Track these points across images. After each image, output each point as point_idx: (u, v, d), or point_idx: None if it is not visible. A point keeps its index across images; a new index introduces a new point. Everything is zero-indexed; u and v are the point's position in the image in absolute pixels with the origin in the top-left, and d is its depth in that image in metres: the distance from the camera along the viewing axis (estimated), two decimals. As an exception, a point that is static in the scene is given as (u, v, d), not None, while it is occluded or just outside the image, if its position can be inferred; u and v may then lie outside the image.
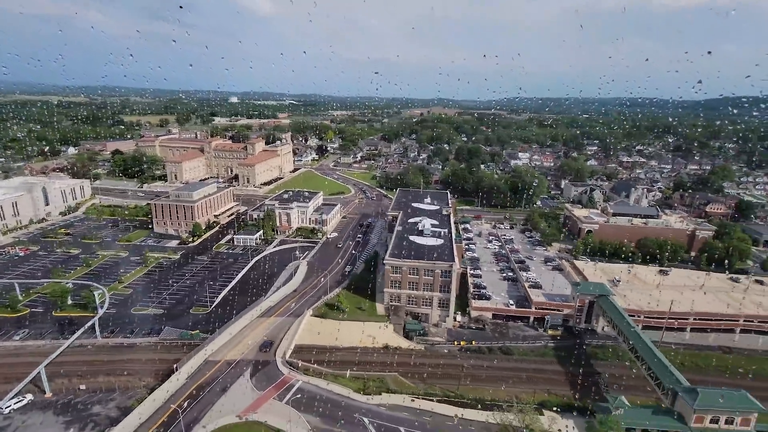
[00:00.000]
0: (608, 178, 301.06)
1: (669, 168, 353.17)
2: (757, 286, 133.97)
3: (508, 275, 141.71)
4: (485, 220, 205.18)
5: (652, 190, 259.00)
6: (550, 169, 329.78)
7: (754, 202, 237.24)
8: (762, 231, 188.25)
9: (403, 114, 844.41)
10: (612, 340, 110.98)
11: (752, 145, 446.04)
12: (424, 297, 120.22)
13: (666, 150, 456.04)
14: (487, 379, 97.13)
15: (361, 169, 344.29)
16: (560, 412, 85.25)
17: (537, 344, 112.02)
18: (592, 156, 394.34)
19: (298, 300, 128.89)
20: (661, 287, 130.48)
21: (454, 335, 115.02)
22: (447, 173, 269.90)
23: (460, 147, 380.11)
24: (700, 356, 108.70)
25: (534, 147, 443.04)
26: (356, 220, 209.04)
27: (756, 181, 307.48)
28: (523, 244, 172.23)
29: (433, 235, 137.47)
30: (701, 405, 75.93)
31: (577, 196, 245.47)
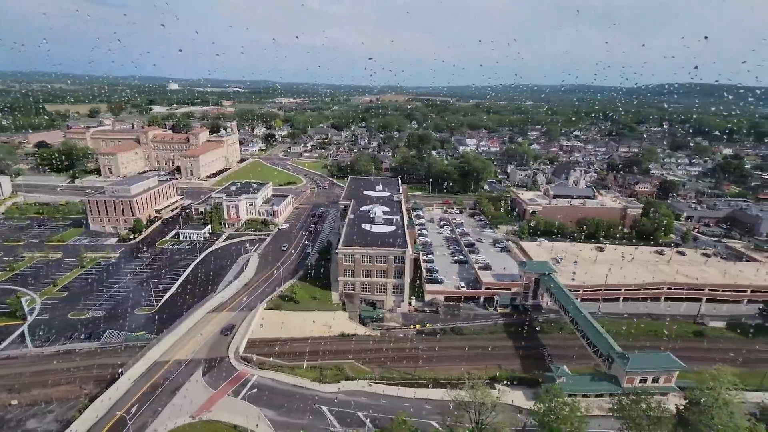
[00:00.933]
0: (550, 161, 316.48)
1: (603, 151, 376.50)
2: (679, 257, 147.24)
3: (459, 258, 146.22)
4: (435, 206, 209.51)
5: (588, 172, 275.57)
6: (497, 154, 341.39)
7: (676, 181, 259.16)
8: (682, 207, 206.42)
9: (353, 101, 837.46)
10: (555, 315, 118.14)
11: (674, 128, 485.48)
12: (378, 284, 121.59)
13: (601, 134, 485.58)
14: (442, 359, 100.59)
15: (312, 158, 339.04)
16: (510, 385, 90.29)
17: (488, 323, 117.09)
18: (535, 141, 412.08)
19: (251, 293, 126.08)
20: (598, 262, 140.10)
21: (409, 319, 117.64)
22: (398, 160, 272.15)
23: (410, 134, 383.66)
24: (632, 324, 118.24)
25: (481, 133, 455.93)
26: (308, 210, 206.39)
27: (677, 162, 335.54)
28: (473, 228, 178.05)
29: (385, 222, 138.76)
30: (632, 368, 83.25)
31: (522, 179, 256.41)
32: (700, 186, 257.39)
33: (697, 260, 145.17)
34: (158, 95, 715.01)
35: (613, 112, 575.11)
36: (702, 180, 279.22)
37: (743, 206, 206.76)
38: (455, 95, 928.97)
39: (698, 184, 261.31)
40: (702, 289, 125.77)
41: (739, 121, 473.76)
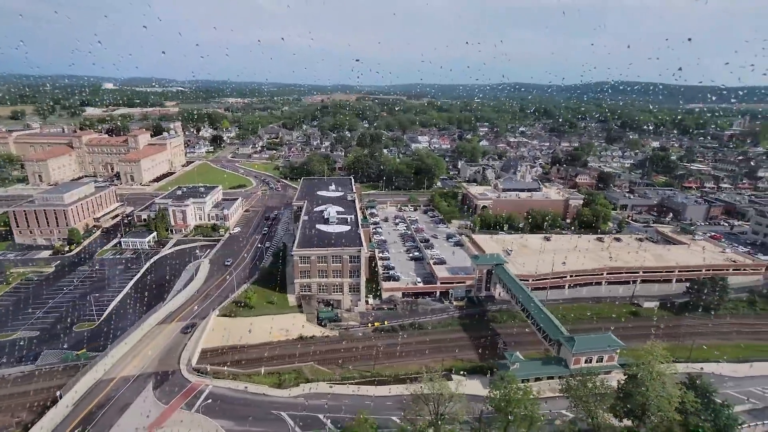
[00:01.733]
0: (498, 157, 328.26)
1: (547, 146, 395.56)
2: (616, 243, 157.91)
3: (414, 254, 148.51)
4: (390, 203, 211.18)
5: (534, 167, 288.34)
6: (448, 151, 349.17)
7: (612, 172, 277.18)
8: (618, 197, 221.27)
9: (304, 101, 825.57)
10: (508, 304, 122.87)
11: (609, 124, 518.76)
12: (334, 284, 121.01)
13: (545, 130, 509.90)
14: (401, 355, 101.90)
15: (263, 160, 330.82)
16: (467, 375, 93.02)
17: (444, 316, 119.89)
18: (484, 137, 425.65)
19: (202, 301, 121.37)
20: (545, 252, 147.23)
21: (368, 318, 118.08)
22: (351, 160, 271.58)
23: (362, 133, 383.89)
24: (577, 308, 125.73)
25: (432, 130, 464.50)
26: (261, 213, 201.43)
27: (612, 154, 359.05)
28: (427, 224, 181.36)
29: (340, 222, 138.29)
30: (578, 349, 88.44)
31: (473, 175, 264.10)
32: (633, 177, 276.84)
33: (632, 245, 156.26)
34: (92, 96, 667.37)
35: (555, 110, 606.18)
36: (634, 171, 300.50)
37: (670, 194, 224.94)
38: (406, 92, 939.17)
39: (631, 175, 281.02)
40: (637, 272, 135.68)
41: (663, 117, 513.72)
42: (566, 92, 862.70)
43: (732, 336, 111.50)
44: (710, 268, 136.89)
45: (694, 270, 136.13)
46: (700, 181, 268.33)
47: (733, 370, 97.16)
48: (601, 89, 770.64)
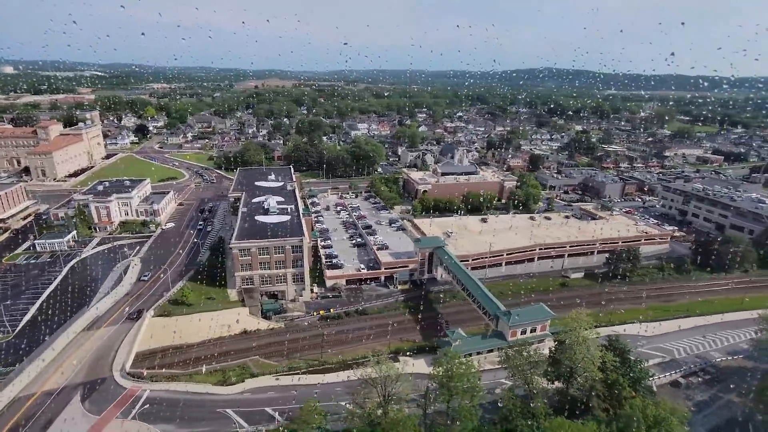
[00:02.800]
0: (437, 142, 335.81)
1: (482, 130, 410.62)
2: (546, 221, 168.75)
3: (357, 241, 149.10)
4: (331, 191, 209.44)
5: (471, 151, 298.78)
6: (388, 137, 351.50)
7: (542, 155, 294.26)
8: (547, 178, 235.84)
9: (236, 87, 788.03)
10: (450, 285, 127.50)
11: (538, 109, 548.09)
12: (277, 275, 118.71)
13: (480, 115, 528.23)
14: (348, 342, 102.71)
15: (195, 150, 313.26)
16: (412, 355, 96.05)
17: (389, 300, 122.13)
18: (423, 123, 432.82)
19: (134, 302, 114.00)
20: (483, 233, 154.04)
21: (313, 307, 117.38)
22: (289, 148, 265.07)
23: (300, 120, 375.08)
24: (513, 284, 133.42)
25: (372, 117, 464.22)
26: (195, 206, 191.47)
27: (541, 138, 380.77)
28: (369, 210, 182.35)
29: (280, 212, 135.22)
30: (514, 322, 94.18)
31: (413, 160, 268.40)
32: (560, 158, 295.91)
33: (560, 222, 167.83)
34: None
35: (489, 95, 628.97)
36: (561, 153, 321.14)
37: (592, 174, 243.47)
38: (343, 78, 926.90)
39: (558, 157, 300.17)
40: (564, 246, 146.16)
41: (583, 102, 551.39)
42: (501, 79, 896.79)
43: (645, 300, 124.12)
44: (625, 240, 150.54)
45: (612, 242, 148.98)
46: (617, 161, 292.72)
47: (646, 329, 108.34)
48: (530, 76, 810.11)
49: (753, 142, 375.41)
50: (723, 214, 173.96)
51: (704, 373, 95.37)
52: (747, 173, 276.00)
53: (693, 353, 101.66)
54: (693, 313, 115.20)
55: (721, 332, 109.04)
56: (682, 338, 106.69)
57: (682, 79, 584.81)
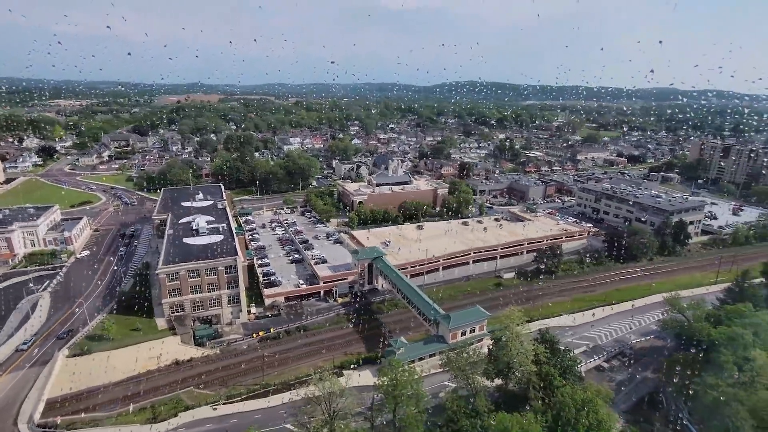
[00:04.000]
0: (370, 153, 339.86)
1: (414, 141, 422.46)
2: (479, 225, 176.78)
3: (294, 257, 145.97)
4: (266, 208, 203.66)
5: (404, 161, 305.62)
6: (321, 151, 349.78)
7: (471, 162, 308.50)
8: (477, 184, 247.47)
9: (157, 102, 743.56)
10: (390, 294, 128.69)
11: (464, 119, 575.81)
12: (211, 298, 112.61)
13: (410, 126, 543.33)
14: (290, 361, 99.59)
15: (112, 171, 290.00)
16: (357, 368, 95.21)
17: (330, 315, 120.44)
18: (355, 135, 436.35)
19: (44, 342, 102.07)
20: (420, 240, 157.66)
21: (251, 328, 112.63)
22: (218, 165, 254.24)
23: (229, 136, 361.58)
24: (451, 288, 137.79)
25: (304, 130, 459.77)
26: (115, 232, 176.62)
27: (470, 146, 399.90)
28: (306, 225, 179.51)
29: (211, 232, 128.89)
30: (453, 325, 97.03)
31: (347, 172, 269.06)
32: (487, 165, 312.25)
33: (491, 226, 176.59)
34: None
35: (419, 107, 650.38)
36: (488, 160, 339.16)
37: (517, 178, 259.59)
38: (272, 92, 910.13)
39: (485, 164, 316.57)
40: (496, 248, 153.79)
41: (505, 112, 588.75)
42: (427, 92, 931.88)
43: (569, 292, 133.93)
44: (549, 238, 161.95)
45: (538, 242, 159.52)
46: (538, 165, 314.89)
47: (572, 320, 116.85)
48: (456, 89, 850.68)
49: (648, 145, 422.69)
50: (629, 210, 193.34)
51: (623, 355, 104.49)
52: (646, 172, 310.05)
53: (612, 338, 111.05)
54: (610, 301, 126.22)
55: (635, 316, 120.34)
56: (603, 325, 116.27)
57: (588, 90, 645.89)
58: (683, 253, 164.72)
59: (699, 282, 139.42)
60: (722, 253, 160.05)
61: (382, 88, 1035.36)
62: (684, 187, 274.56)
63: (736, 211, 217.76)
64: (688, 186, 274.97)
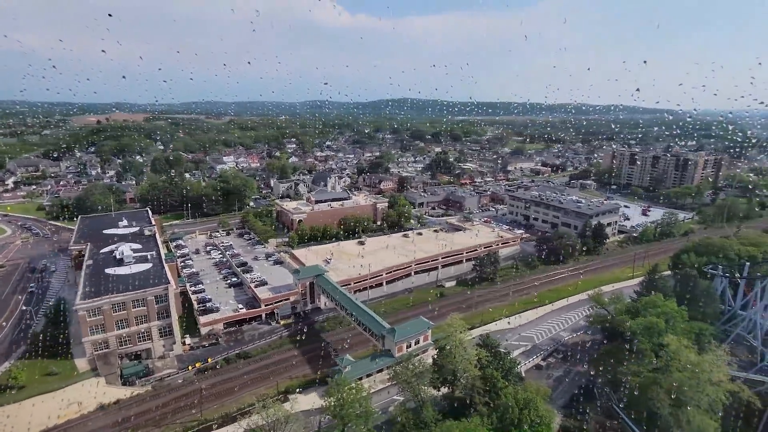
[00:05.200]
0: (309, 171, 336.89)
1: (352, 157, 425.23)
2: (419, 237, 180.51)
3: (233, 281, 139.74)
4: (199, 232, 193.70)
5: (342, 177, 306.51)
6: (258, 170, 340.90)
7: (408, 176, 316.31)
8: (415, 197, 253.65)
9: (72, 123, 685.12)
10: (334, 311, 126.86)
11: (402, 134, 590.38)
12: (140, 331, 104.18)
13: (348, 143, 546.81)
14: (231, 391, 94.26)
15: (18, 199, 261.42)
16: (303, 391, 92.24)
17: (273, 338, 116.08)
18: (292, 153, 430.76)
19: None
20: (362, 255, 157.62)
21: (187, 360, 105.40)
22: (144, 189, 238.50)
23: (156, 157, 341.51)
24: (395, 301, 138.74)
25: (239, 149, 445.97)
26: (23, 266, 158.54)
27: (407, 160, 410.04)
28: (243, 247, 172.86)
29: (138, 260, 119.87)
30: (398, 338, 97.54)
31: (285, 191, 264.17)
32: (424, 178, 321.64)
33: (431, 237, 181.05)
34: None
35: (355, 124, 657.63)
36: (424, 173, 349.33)
37: (453, 190, 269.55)
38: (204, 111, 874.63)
39: (422, 177, 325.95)
40: (437, 259, 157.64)
41: (439, 127, 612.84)
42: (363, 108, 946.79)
43: (507, 297, 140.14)
44: (486, 245, 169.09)
45: (475, 249, 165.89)
46: (472, 177, 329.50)
47: (510, 323, 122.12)
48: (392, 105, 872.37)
49: (567, 155, 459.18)
50: (555, 215, 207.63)
51: (558, 352, 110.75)
52: (567, 180, 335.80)
53: (548, 337, 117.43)
54: (543, 302, 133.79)
55: (565, 314, 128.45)
56: (538, 325, 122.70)
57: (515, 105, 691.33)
58: (603, 252, 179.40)
59: (618, 277, 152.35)
60: (635, 250, 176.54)
61: (318, 105, 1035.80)
62: (600, 192, 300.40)
63: (645, 211, 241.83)
64: (604, 191, 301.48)
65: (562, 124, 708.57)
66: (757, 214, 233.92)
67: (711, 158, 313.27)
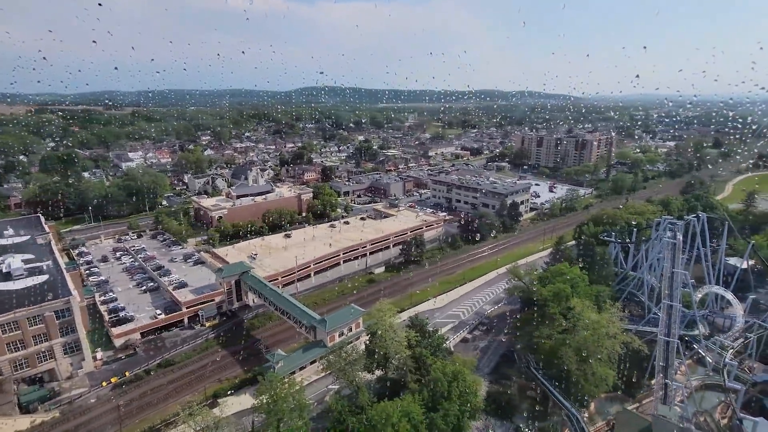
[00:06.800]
0: (227, 165, 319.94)
1: (273, 148, 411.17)
2: (345, 226, 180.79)
3: (149, 286, 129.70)
4: (104, 236, 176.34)
5: (264, 169, 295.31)
6: (170, 165, 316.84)
7: (332, 165, 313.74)
8: (340, 186, 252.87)
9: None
10: (263, 308, 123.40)
11: (323, 123, 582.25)
12: (39, 352, 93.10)
13: (268, 133, 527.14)
14: (154, 403, 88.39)
15: None
16: (234, 393, 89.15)
17: (198, 341, 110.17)
18: (208, 146, 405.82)
19: None
20: (288, 248, 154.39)
21: (100, 377, 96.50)
22: (33, 192, 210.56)
23: (46, 155, 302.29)
24: (325, 291, 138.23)
25: (146, 144, 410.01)
26: None
27: (330, 150, 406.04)
28: (158, 249, 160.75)
29: (30, 273, 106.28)
30: (330, 327, 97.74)
31: (202, 187, 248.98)
32: (348, 166, 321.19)
33: (358, 225, 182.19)
34: None
35: (274, 113, 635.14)
36: (348, 162, 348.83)
37: (377, 177, 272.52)
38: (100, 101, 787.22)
39: (347, 165, 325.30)
40: (365, 246, 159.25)
41: (361, 114, 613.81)
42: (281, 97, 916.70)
43: (434, 277, 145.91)
44: (412, 230, 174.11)
45: (402, 234, 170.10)
46: (395, 163, 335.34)
47: (437, 302, 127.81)
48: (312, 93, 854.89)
49: (484, 140, 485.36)
50: (474, 197, 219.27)
51: (482, 325, 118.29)
52: (485, 162, 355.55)
53: (473, 312, 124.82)
54: (468, 279, 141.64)
55: (487, 289, 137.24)
56: (464, 302, 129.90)
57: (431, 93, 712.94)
58: (518, 229, 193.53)
59: (531, 251, 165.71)
60: (545, 224, 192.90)
61: (236, 93, 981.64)
62: (513, 173, 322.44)
63: (552, 189, 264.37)
64: (517, 171, 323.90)
65: (477, 110, 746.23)
66: (641, 186, 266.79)
67: (604, 138, 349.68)
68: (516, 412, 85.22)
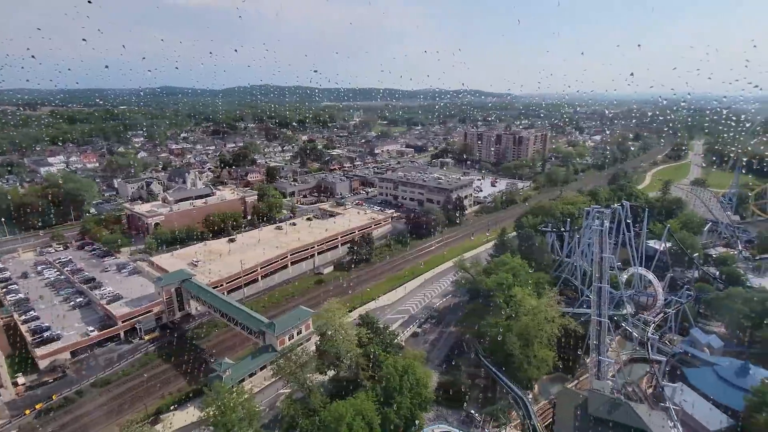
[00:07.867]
0: (163, 168, 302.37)
1: (213, 149, 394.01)
2: (292, 227, 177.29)
3: (78, 301, 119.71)
4: (22, 250, 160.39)
5: (203, 172, 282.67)
6: (97, 170, 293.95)
7: (277, 166, 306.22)
8: (286, 186, 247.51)
9: None
10: (208, 316, 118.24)
11: (266, 123, 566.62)
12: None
13: (207, 134, 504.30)
14: (89, 427, 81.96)
15: None
16: (178, 407, 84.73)
17: (137, 356, 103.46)
18: (141, 148, 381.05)
19: None
20: (233, 252, 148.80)
21: (23, 405, 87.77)
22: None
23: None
24: (273, 295, 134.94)
25: (69, 147, 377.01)
26: None
27: (274, 150, 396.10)
28: (87, 260, 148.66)
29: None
30: (279, 331, 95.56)
31: (136, 192, 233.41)
32: (293, 167, 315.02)
33: (305, 225, 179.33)
34: None
35: (212, 112, 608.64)
36: (293, 162, 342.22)
37: (323, 177, 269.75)
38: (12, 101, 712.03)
39: (292, 166, 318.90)
40: (313, 246, 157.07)
41: (303, 114, 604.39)
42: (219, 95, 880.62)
43: (383, 274, 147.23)
44: (360, 228, 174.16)
45: (350, 233, 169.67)
46: (341, 162, 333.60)
47: (388, 299, 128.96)
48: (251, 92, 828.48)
49: (428, 137, 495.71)
50: (420, 193, 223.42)
51: (431, 318, 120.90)
52: (429, 159, 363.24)
53: (423, 306, 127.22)
54: (417, 274, 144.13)
55: (436, 283, 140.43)
56: (413, 297, 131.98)
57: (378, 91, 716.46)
58: (463, 222, 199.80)
59: (476, 243, 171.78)
60: (488, 217, 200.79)
61: (171, 92, 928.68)
62: (457, 168, 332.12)
63: (494, 183, 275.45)
64: (460, 167, 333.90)
65: (420, 107, 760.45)
66: (573, 179, 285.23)
67: (539, 134, 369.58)
68: (466, 400, 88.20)
